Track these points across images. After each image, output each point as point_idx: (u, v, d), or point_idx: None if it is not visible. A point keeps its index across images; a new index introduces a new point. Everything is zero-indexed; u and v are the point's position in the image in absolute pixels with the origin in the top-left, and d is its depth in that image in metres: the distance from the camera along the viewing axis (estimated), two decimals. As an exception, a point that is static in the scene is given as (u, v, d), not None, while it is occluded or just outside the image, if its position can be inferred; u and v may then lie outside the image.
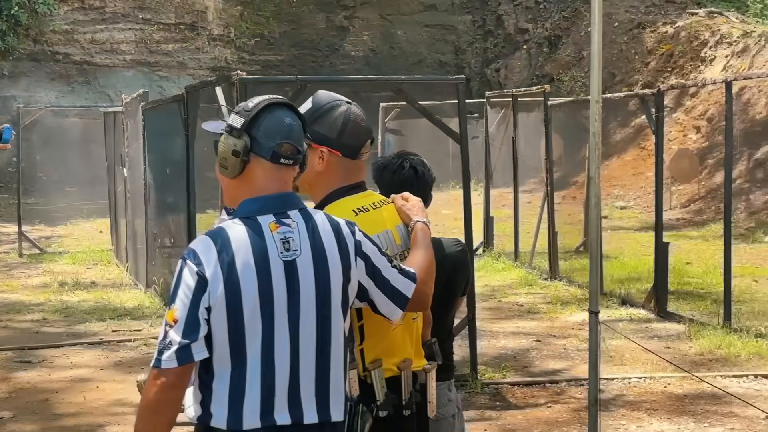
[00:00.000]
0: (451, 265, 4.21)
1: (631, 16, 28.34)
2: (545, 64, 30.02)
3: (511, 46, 31.80)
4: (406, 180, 4.05)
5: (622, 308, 11.38)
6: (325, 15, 31.73)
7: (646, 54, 26.53)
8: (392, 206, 3.49)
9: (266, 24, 30.86)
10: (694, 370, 8.59)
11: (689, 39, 25.45)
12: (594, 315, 4.87)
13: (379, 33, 32.36)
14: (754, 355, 8.89)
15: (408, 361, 3.37)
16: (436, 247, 4.32)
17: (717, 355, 9.06)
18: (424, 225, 3.39)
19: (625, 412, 7.46)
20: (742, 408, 7.47)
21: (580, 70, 28.13)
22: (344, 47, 31.98)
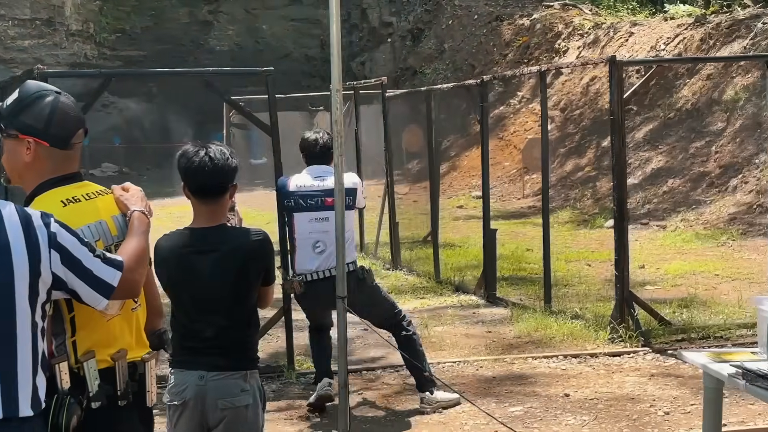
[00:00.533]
0: (244, 253, 4.17)
1: (490, 9, 28.78)
2: (408, 56, 30.29)
3: (376, 39, 32.04)
4: (198, 167, 4.07)
5: (454, 295, 11.50)
6: (189, 9, 31.51)
7: (504, 46, 26.94)
8: (110, 196, 3.46)
9: (127, 19, 30.50)
10: (510, 352, 8.79)
11: (544, 31, 25.94)
12: (341, 300, 4.92)
13: (244, 27, 32.28)
14: (567, 336, 9.07)
15: (123, 351, 3.32)
16: (234, 235, 4.39)
17: (534, 337, 9.23)
18: (141, 214, 3.37)
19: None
20: (545, 387, 7.67)
21: (442, 62, 28.46)
22: (209, 42, 31.81)
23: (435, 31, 29.73)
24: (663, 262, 13.07)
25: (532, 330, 9.46)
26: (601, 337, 8.93)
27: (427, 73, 27.98)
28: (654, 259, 13.40)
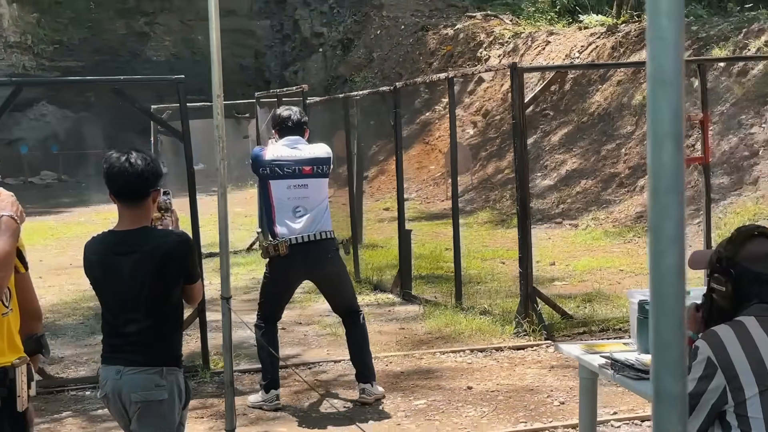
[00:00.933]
0: (161, 253, 4.14)
1: (416, 20, 28.83)
2: (339, 65, 30.25)
3: (308, 49, 31.99)
4: (119, 172, 4.08)
5: (372, 294, 11.47)
6: (126, 21, 31.28)
7: (429, 55, 26.98)
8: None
9: (65, 30, 30.17)
10: (419, 348, 8.79)
11: (467, 40, 26.05)
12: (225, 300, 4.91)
13: (180, 38, 32.05)
14: (476, 331, 9.10)
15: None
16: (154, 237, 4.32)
17: (444, 333, 9.25)
18: (10, 218, 3.32)
19: (342, 391, 7.58)
20: (449, 381, 7.69)
21: (371, 70, 28.46)
22: (146, 52, 31.53)
23: (364, 41, 29.72)
24: (572, 259, 13.16)
25: (442, 326, 9.48)
26: (507, 332, 8.97)
27: (357, 81, 27.92)
28: (564, 256, 13.49)
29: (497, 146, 21.54)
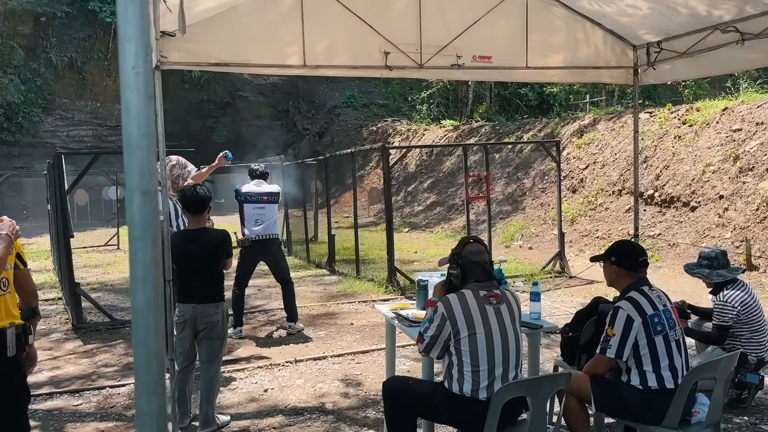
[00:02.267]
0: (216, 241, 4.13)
1: (357, 122, 28.42)
2: (317, 145, 29.74)
3: (299, 136, 31.37)
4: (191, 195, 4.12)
5: (315, 269, 10.90)
6: (202, 120, 30.24)
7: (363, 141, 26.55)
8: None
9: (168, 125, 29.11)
10: (330, 300, 8.25)
11: (383, 133, 25.63)
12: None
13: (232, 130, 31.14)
14: (364, 290, 8.64)
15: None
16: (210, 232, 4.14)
17: (347, 292, 8.74)
18: (6, 235, 2.78)
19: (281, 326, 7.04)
20: (342, 319, 7.16)
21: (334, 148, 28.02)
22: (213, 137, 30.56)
23: (330, 132, 29.24)
24: (426, 250, 12.74)
25: (347, 288, 8.98)
26: (380, 291, 8.52)
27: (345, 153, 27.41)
28: (422, 248, 13.07)
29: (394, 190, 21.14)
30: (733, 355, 3.15)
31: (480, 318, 3.05)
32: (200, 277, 3.98)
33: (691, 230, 9.41)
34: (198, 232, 4.06)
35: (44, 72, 24.93)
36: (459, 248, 3.36)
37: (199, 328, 4.01)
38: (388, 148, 8.84)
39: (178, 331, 4.02)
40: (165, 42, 3.55)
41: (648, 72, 4.45)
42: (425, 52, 4.14)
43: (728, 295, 4.28)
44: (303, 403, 4.68)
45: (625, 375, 3.18)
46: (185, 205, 4.07)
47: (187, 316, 4.00)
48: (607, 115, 13.87)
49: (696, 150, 10.52)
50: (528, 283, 8.83)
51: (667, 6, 3.75)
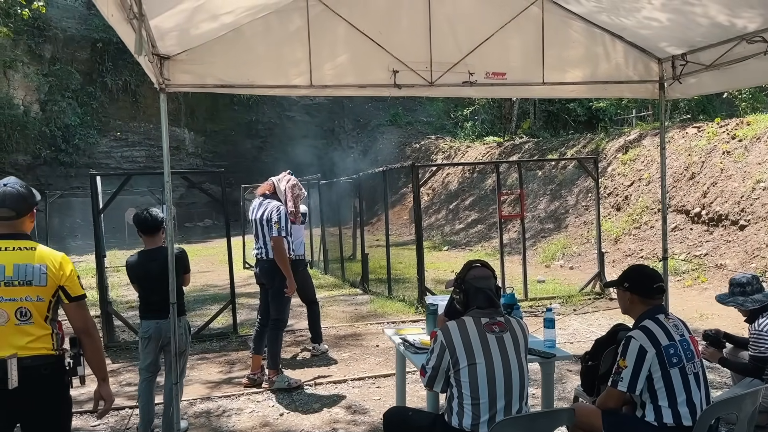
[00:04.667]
0: None
1: (400, 139, 28.44)
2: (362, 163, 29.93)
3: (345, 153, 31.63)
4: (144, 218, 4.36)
5: (349, 288, 10.83)
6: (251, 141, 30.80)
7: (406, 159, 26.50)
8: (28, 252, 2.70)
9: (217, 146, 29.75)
10: (359, 320, 8.15)
11: (428, 149, 25.58)
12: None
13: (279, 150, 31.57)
14: (395, 311, 8.50)
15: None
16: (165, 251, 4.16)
17: (377, 312, 8.59)
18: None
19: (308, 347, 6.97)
20: (368, 341, 7.04)
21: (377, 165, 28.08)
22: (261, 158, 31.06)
23: (373, 150, 29.33)
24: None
25: (378, 308, 8.85)
26: (411, 311, 8.37)
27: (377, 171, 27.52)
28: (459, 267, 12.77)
29: (435, 208, 20.98)
30: (757, 391, 2.89)
31: (480, 347, 2.90)
32: (161, 293, 4.07)
33: (740, 250, 8.90)
34: (155, 251, 4.23)
35: (100, 95, 25.95)
36: (463, 272, 3.22)
37: (163, 342, 4.20)
38: (417, 167, 8.72)
39: (143, 346, 4.26)
40: (169, 65, 3.57)
41: (674, 86, 4.22)
42: (435, 69, 4.04)
43: (765, 323, 3.98)
44: (316, 428, 4.58)
45: (639, 410, 2.96)
46: (140, 228, 4.25)
47: (152, 332, 4.20)
48: (654, 130, 13.39)
49: (745, 166, 10.00)
50: (565, 305, 8.51)
51: (687, 17, 3.54)
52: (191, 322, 7.99)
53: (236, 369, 6.18)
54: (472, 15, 4.06)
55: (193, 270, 4.51)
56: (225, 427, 4.68)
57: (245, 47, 3.74)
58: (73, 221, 22.11)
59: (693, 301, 8.05)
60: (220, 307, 7.71)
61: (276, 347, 5.39)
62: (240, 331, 7.50)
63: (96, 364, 2.78)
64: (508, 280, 9.77)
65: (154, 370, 4.35)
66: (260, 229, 5.28)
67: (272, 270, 5.22)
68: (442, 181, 22.57)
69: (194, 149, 29.63)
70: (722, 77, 3.89)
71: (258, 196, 5.48)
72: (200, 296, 10.23)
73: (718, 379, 5.21)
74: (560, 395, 4.95)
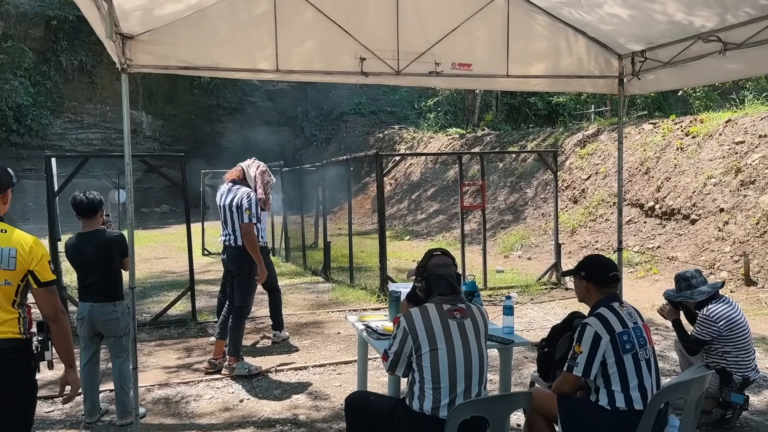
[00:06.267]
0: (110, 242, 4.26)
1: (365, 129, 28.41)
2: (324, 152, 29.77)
3: (307, 142, 31.37)
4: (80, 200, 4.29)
5: (310, 276, 10.80)
6: (211, 125, 30.22)
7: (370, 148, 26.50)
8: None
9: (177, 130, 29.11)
10: (320, 308, 8.15)
11: (389, 140, 25.59)
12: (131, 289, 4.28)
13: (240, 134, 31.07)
14: (356, 299, 8.55)
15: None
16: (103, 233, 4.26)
17: (339, 300, 8.63)
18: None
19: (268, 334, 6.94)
20: (329, 328, 7.05)
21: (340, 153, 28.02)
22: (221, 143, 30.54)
23: (336, 139, 29.20)
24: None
25: (340, 296, 8.87)
26: (372, 299, 8.42)
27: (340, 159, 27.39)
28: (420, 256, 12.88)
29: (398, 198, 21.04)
30: (704, 377, 3.03)
31: (442, 333, 2.95)
32: (95, 277, 4.14)
33: (690, 243, 9.23)
34: (92, 234, 4.21)
35: (54, 75, 25.09)
36: (425, 261, 3.27)
37: (96, 325, 4.22)
38: (381, 156, 8.75)
39: (78, 327, 4.27)
40: (132, 45, 3.50)
41: (633, 82, 4.34)
42: (402, 58, 4.06)
43: (713, 309, 4.16)
44: (276, 414, 4.59)
45: (593, 394, 3.06)
46: (77, 210, 4.23)
47: (85, 314, 4.22)
48: (611, 126, 13.71)
49: (698, 162, 10.34)
50: (523, 295, 8.69)
51: (646, 14, 3.64)
52: (148, 309, 7.95)
53: (195, 355, 6.12)
54: (440, 5, 4.09)
55: (149, 256, 4.51)
56: (184, 412, 4.65)
57: (210, 29, 3.68)
58: (24, 204, 21.37)
59: (645, 291, 8.31)
60: (178, 294, 7.62)
61: (238, 334, 5.36)
62: (199, 318, 7.42)
63: (63, 350, 2.73)
64: (468, 270, 9.89)
65: (92, 355, 4.37)
66: (229, 216, 5.23)
67: (240, 257, 5.19)
68: (405, 172, 22.65)
69: (152, 133, 28.93)
70: (679, 74, 4.01)
71: (227, 182, 5.42)
72: (158, 283, 10.07)
73: (668, 367, 5.41)
74: (517, 381, 5.07)
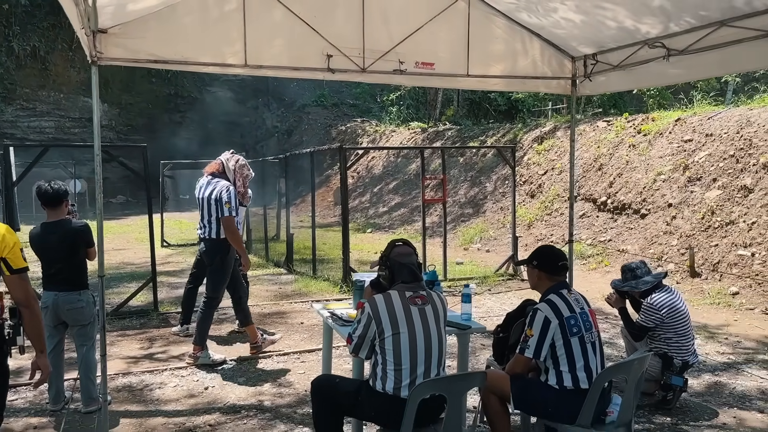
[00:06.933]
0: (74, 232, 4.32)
1: (327, 122, 28.43)
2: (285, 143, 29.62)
3: (268, 133, 31.19)
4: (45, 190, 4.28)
5: (274, 268, 10.87)
6: (169, 115, 29.74)
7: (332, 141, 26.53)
8: None
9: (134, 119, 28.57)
10: (284, 299, 8.26)
11: (352, 133, 25.68)
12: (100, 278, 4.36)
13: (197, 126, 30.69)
14: (319, 290, 8.68)
15: None
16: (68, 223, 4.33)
17: (302, 291, 8.75)
18: None
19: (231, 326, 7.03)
20: (292, 318, 7.19)
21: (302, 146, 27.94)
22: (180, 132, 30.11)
23: (298, 131, 29.12)
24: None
25: (302, 287, 9.00)
26: (335, 291, 8.57)
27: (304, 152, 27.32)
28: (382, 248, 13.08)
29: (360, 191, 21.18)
30: (644, 357, 3.30)
31: (404, 318, 3.13)
32: (59, 266, 4.22)
33: (640, 237, 9.68)
34: (56, 224, 4.27)
35: (5, 61, 24.35)
36: (388, 250, 3.45)
37: (61, 314, 4.29)
38: (345, 149, 8.89)
39: (43, 316, 4.27)
40: (102, 38, 3.57)
41: (585, 83, 4.61)
42: (368, 56, 4.22)
43: (656, 298, 4.46)
44: (241, 400, 4.72)
45: (543, 375, 3.30)
46: (42, 200, 4.29)
47: (49, 303, 4.28)
48: (567, 123, 14.14)
49: (648, 159, 10.81)
50: (480, 285, 8.98)
51: (598, 20, 3.90)
52: (109, 300, 7.93)
53: (157, 345, 6.18)
54: (404, 7, 4.26)
55: (107, 248, 4.58)
56: (149, 399, 4.74)
57: (180, 24, 3.77)
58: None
59: (596, 283, 8.70)
60: (139, 285, 7.63)
61: (205, 325, 5.47)
62: (161, 309, 7.47)
63: (35, 336, 2.81)
64: (429, 261, 10.15)
65: (56, 343, 4.41)
66: (207, 208, 5.34)
67: (213, 249, 5.32)
68: (367, 165, 22.78)
69: (108, 122, 28.28)
70: (627, 77, 4.29)
71: (206, 175, 5.52)
72: (117, 274, 10.00)
73: (615, 353, 5.74)
74: (473, 366, 5.31)
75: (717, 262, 8.16)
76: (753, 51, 3.38)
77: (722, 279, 7.88)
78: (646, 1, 3.58)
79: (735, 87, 14.75)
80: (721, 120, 10.16)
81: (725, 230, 8.50)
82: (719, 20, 3.47)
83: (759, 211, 8.29)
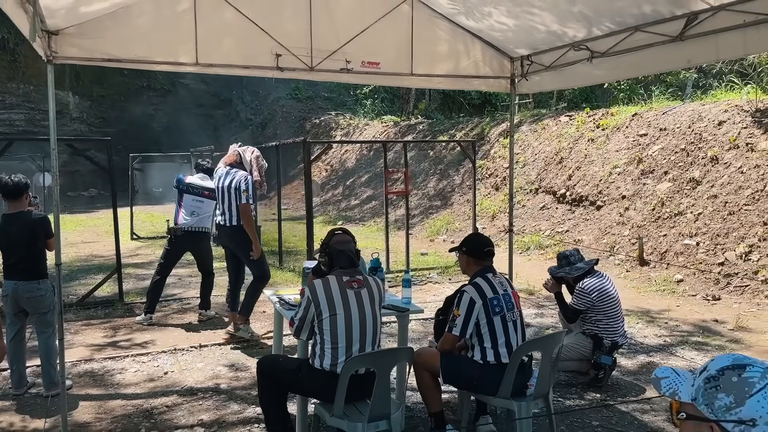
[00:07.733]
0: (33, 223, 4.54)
1: (302, 114, 28.53)
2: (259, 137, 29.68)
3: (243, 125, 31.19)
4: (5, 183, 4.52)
5: (240, 260, 11.10)
6: (141, 108, 29.58)
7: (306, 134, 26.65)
8: None
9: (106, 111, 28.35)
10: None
11: (326, 126, 25.83)
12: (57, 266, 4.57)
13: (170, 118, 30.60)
14: (287, 281, 8.90)
15: None
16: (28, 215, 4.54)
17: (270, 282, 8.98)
18: None
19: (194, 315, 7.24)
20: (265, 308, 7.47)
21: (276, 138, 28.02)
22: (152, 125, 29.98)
23: (272, 124, 29.19)
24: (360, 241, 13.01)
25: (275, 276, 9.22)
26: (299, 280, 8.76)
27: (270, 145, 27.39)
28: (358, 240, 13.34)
29: (333, 184, 21.38)
30: (559, 333, 3.62)
31: (341, 300, 3.41)
32: (19, 256, 4.44)
33: (595, 228, 10.08)
34: (16, 215, 4.53)
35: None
36: (327, 239, 3.72)
37: (21, 302, 4.52)
38: (309, 143, 9.12)
39: (4, 304, 4.59)
40: (57, 39, 3.77)
41: (522, 82, 4.92)
42: (316, 55, 4.46)
43: (587, 283, 4.80)
44: (199, 384, 4.96)
45: (469, 351, 3.61)
46: (3, 193, 4.56)
47: (9, 292, 4.51)
48: (531, 117, 14.52)
49: (606, 153, 11.22)
50: (442, 275, 9.30)
51: (528, 23, 4.19)
52: (75, 291, 8.09)
53: (121, 334, 6.39)
54: (350, 8, 4.51)
55: (76, 240, 4.78)
56: (110, 383, 4.96)
57: (133, 24, 3.98)
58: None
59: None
60: (105, 276, 7.81)
61: (253, 299, 6.01)
62: (126, 299, 7.65)
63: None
64: (394, 252, 10.47)
65: (17, 330, 4.62)
66: (227, 197, 5.67)
67: (236, 235, 5.74)
68: (340, 158, 22.99)
69: (79, 114, 28.12)
70: (558, 77, 4.60)
71: (225, 166, 5.85)
72: (84, 266, 10.13)
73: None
74: (423, 350, 5.62)
75: (665, 252, 8.57)
76: (663, 54, 3.71)
77: (669, 267, 8.30)
78: (569, 7, 3.88)
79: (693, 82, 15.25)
80: (675, 115, 10.59)
81: (674, 221, 8.93)
82: (634, 25, 3.79)
83: (705, 203, 8.72)
